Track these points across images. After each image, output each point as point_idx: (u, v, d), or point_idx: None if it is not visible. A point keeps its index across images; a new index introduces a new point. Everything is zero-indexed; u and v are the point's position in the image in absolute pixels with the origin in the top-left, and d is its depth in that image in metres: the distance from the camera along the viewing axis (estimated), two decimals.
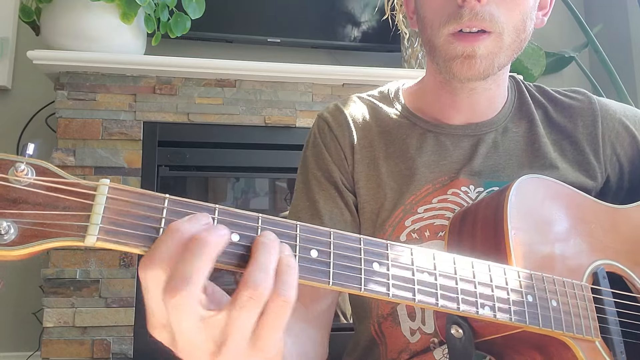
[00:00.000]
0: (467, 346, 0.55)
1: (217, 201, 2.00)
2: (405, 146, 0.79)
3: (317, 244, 0.44)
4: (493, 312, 0.50)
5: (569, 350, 0.55)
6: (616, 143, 0.80)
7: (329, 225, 0.75)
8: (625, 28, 2.36)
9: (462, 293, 0.48)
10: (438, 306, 0.47)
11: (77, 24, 1.63)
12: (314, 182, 0.80)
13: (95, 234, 0.37)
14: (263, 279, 0.39)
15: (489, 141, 0.79)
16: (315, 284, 0.43)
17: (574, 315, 0.55)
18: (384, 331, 0.77)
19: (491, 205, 0.62)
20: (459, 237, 0.65)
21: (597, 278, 0.62)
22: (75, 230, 0.37)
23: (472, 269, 0.50)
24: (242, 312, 0.39)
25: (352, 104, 0.85)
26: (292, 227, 0.44)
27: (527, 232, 0.59)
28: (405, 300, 0.46)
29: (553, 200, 0.65)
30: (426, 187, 0.76)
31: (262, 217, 0.43)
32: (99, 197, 0.38)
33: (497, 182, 0.75)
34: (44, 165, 0.39)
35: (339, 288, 0.44)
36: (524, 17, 0.70)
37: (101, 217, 0.38)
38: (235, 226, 0.42)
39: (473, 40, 0.68)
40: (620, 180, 0.81)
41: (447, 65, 0.70)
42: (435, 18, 0.70)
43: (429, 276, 0.48)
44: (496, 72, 0.72)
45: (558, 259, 0.60)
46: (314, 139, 0.83)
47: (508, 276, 0.52)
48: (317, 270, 0.43)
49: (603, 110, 0.81)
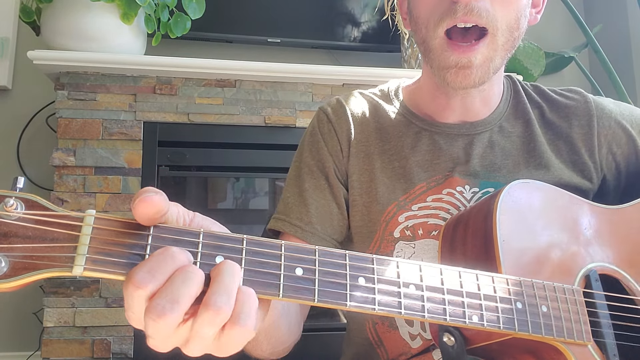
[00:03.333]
0: (459, 353, 0.56)
1: (217, 201, 2.00)
2: (400, 144, 0.79)
3: (302, 261, 0.44)
4: (481, 321, 0.50)
5: (561, 355, 0.55)
6: (612, 142, 0.80)
7: (314, 216, 0.77)
8: (625, 28, 2.36)
9: (449, 304, 0.49)
10: (425, 318, 0.47)
11: (77, 24, 1.63)
12: (306, 170, 0.80)
13: (82, 264, 0.38)
14: (225, 302, 0.39)
15: (485, 140, 0.79)
16: (301, 301, 0.43)
17: (564, 320, 0.55)
18: (380, 335, 0.77)
19: (481, 213, 0.62)
20: (451, 245, 0.65)
21: (590, 281, 0.61)
22: (63, 262, 0.38)
23: (460, 279, 0.50)
24: (203, 329, 0.39)
25: (353, 99, 0.86)
26: (277, 246, 0.44)
27: (518, 239, 0.59)
28: (392, 314, 0.46)
29: (545, 205, 0.64)
30: (419, 185, 0.76)
31: (247, 239, 0.43)
32: (85, 228, 0.39)
33: (493, 182, 0.75)
34: (33, 199, 0.40)
35: (325, 305, 0.44)
36: (518, 15, 0.69)
37: (87, 247, 0.39)
38: (220, 249, 0.42)
39: (468, 50, 0.67)
40: (618, 180, 0.80)
41: (441, 74, 0.70)
42: (430, 17, 0.70)
43: (415, 289, 0.48)
44: (491, 77, 0.72)
45: (550, 263, 0.60)
46: (312, 129, 0.84)
47: (496, 284, 0.52)
48: (302, 288, 0.44)
49: (599, 110, 0.81)
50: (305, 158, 0.82)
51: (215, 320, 0.39)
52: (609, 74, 2.01)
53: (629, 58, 2.33)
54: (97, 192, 1.65)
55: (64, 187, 1.63)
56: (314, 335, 1.71)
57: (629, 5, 2.35)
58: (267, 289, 0.42)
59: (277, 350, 0.66)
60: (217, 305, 0.38)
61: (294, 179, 0.81)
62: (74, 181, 1.64)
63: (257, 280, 0.42)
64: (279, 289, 0.43)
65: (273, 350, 0.64)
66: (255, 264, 0.43)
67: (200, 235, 0.42)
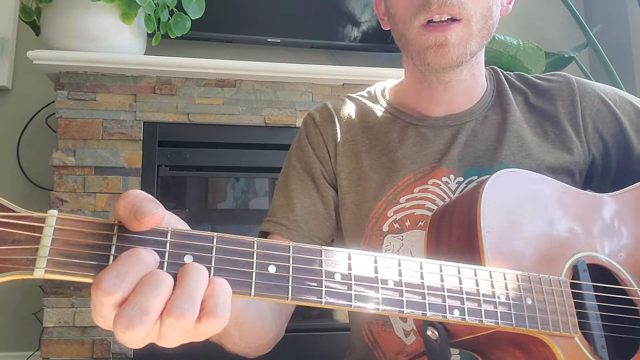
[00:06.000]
0: (443, 347, 0.55)
1: (217, 201, 2.00)
2: (388, 139, 0.81)
3: (275, 259, 0.43)
4: (462, 316, 0.49)
5: (547, 347, 0.54)
6: (597, 120, 0.80)
7: (299, 215, 0.78)
8: (625, 28, 2.36)
9: (429, 298, 0.48)
10: (404, 313, 0.46)
11: (77, 24, 1.63)
12: (293, 172, 0.83)
13: (43, 267, 0.37)
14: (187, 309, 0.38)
15: (469, 129, 0.80)
16: (274, 299, 0.43)
17: (550, 312, 0.54)
18: (375, 336, 0.77)
19: (466, 203, 0.61)
20: (437, 235, 0.64)
21: (577, 271, 0.60)
22: (24, 264, 0.37)
23: (440, 272, 0.49)
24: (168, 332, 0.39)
25: (340, 102, 0.88)
26: (249, 243, 0.43)
27: (502, 230, 0.58)
28: (370, 310, 0.45)
29: (531, 194, 0.63)
30: (407, 177, 0.77)
31: (217, 236, 0.42)
32: (47, 229, 0.38)
33: (477, 169, 0.76)
34: None
35: (299, 302, 0.43)
36: (490, 4, 0.72)
37: (49, 249, 0.37)
38: (188, 248, 0.41)
39: (444, 29, 0.69)
40: (606, 160, 0.80)
41: (421, 56, 0.72)
42: (406, 12, 0.72)
43: (393, 284, 0.47)
44: (469, 60, 0.74)
45: (535, 254, 0.59)
46: (299, 135, 0.87)
47: (479, 277, 0.51)
48: (275, 286, 0.42)
49: (581, 89, 0.81)
50: (292, 162, 0.84)
51: (178, 326, 0.38)
52: (609, 74, 2.01)
53: (629, 58, 2.33)
54: (97, 192, 1.65)
55: (63, 187, 1.63)
56: (314, 336, 1.71)
57: (629, 5, 2.35)
58: (238, 288, 0.41)
59: (252, 346, 0.66)
60: (179, 312, 0.38)
61: (282, 183, 0.84)
62: (73, 181, 1.64)
63: (228, 278, 0.41)
64: (251, 287, 0.42)
65: (248, 345, 0.64)
66: (225, 262, 0.41)
67: (168, 234, 0.41)
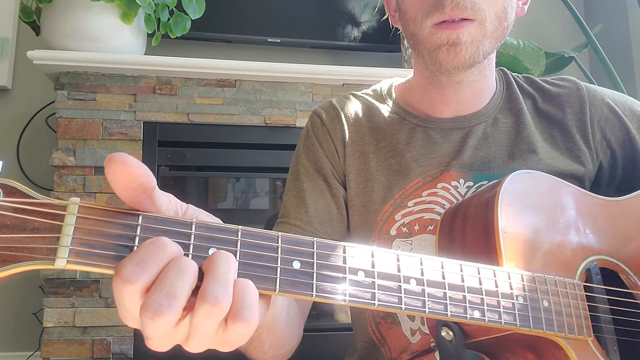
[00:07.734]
0: (457, 348, 0.55)
1: (217, 201, 2.00)
2: (395, 141, 0.80)
3: (299, 254, 0.42)
4: (483, 316, 0.49)
5: (561, 350, 0.54)
6: (605, 128, 0.80)
7: (313, 216, 0.77)
8: (625, 28, 2.36)
9: (450, 299, 0.48)
10: (426, 313, 0.46)
11: (77, 24, 1.63)
12: (303, 172, 0.81)
13: (65, 257, 0.35)
14: (222, 293, 0.36)
15: (479, 133, 0.79)
16: (298, 296, 0.41)
17: (565, 315, 0.55)
18: (383, 333, 0.77)
19: (482, 203, 0.61)
20: (449, 235, 0.64)
21: (590, 275, 0.61)
22: (44, 254, 0.35)
23: (461, 272, 0.49)
24: (202, 323, 0.37)
25: (346, 100, 0.87)
26: (274, 238, 0.42)
27: (519, 231, 0.58)
28: (392, 309, 0.45)
29: (545, 196, 0.63)
30: (415, 180, 0.76)
31: (241, 230, 0.41)
32: (69, 217, 0.36)
33: (487, 174, 0.75)
34: (11, 185, 0.36)
35: (323, 300, 0.42)
36: (505, 5, 0.70)
37: (71, 238, 0.36)
38: (213, 240, 0.40)
39: (456, 27, 0.68)
40: (613, 167, 0.80)
41: (433, 55, 0.70)
42: (418, 11, 0.71)
43: (416, 284, 0.46)
44: (481, 60, 0.72)
45: (550, 256, 0.59)
46: (306, 133, 0.85)
47: (498, 278, 0.51)
48: (299, 282, 0.41)
49: (591, 96, 0.81)
50: (302, 161, 0.82)
51: (214, 313, 0.36)
52: (609, 74, 2.01)
53: (629, 58, 2.33)
54: (97, 192, 1.65)
55: (63, 187, 1.63)
56: (314, 336, 1.71)
57: (629, 5, 2.35)
58: (263, 283, 0.40)
59: (279, 354, 0.65)
60: (214, 296, 0.36)
61: (292, 182, 0.82)
62: (73, 181, 1.64)
63: (253, 274, 0.40)
64: (276, 283, 0.40)
65: (275, 353, 0.63)
66: (250, 257, 0.40)
67: (192, 226, 0.39)
